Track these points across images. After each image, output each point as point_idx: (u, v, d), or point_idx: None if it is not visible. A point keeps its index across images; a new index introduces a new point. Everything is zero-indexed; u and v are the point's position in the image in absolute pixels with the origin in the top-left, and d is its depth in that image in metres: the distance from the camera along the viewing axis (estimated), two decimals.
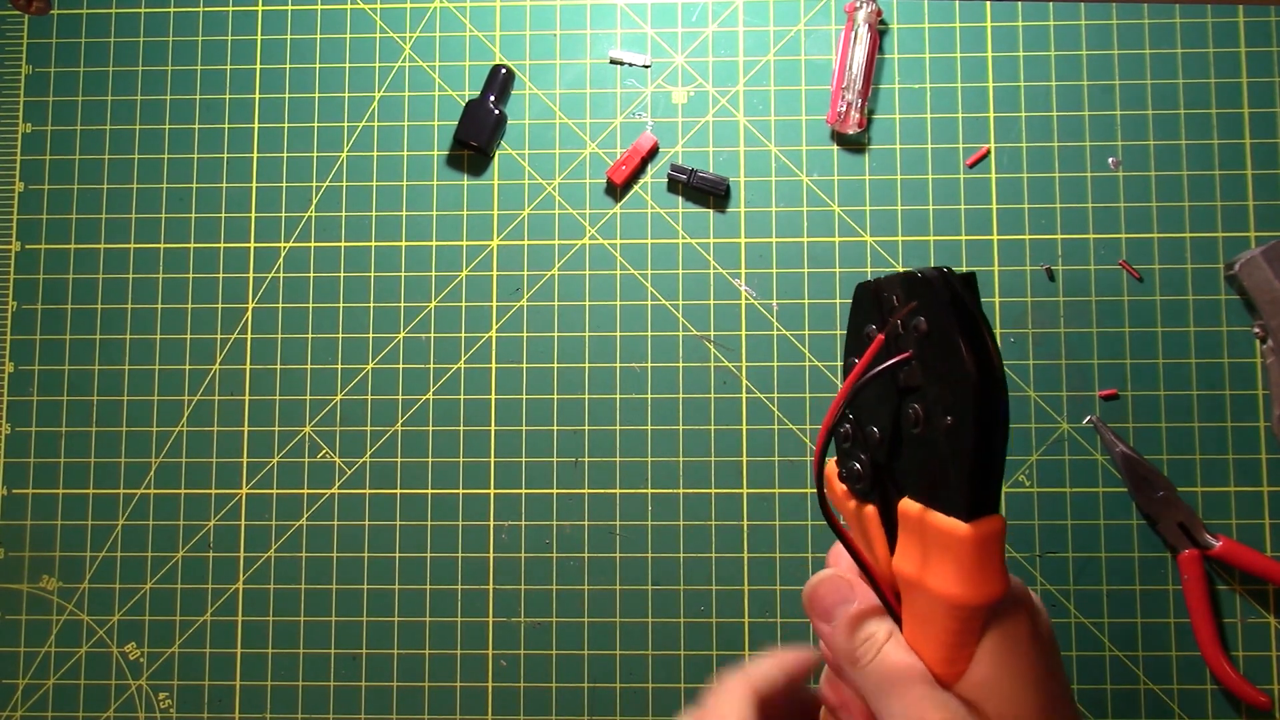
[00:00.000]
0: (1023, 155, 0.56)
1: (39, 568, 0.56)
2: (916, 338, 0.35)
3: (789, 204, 0.56)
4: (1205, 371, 0.54)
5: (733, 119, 0.57)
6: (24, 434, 0.57)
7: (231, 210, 0.58)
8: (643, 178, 0.57)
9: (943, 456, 0.35)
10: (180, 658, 0.55)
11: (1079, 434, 0.54)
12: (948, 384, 0.34)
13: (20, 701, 0.55)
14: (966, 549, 0.34)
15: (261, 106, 0.58)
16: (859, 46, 0.55)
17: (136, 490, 0.56)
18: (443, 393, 0.56)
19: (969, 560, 0.34)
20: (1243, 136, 0.55)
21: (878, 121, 0.56)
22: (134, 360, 0.57)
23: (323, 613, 0.55)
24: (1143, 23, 0.56)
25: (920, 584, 0.35)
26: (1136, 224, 0.55)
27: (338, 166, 0.58)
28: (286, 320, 0.57)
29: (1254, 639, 0.52)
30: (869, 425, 0.38)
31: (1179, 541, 0.52)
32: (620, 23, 0.58)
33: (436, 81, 0.58)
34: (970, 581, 0.34)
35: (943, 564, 0.35)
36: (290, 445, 0.56)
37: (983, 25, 0.56)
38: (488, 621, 0.55)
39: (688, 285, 0.56)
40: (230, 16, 0.59)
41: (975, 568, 0.34)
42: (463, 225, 0.57)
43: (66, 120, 0.59)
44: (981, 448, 0.34)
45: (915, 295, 0.36)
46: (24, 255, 0.58)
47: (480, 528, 0.55)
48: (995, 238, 0.55)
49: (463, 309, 0.56)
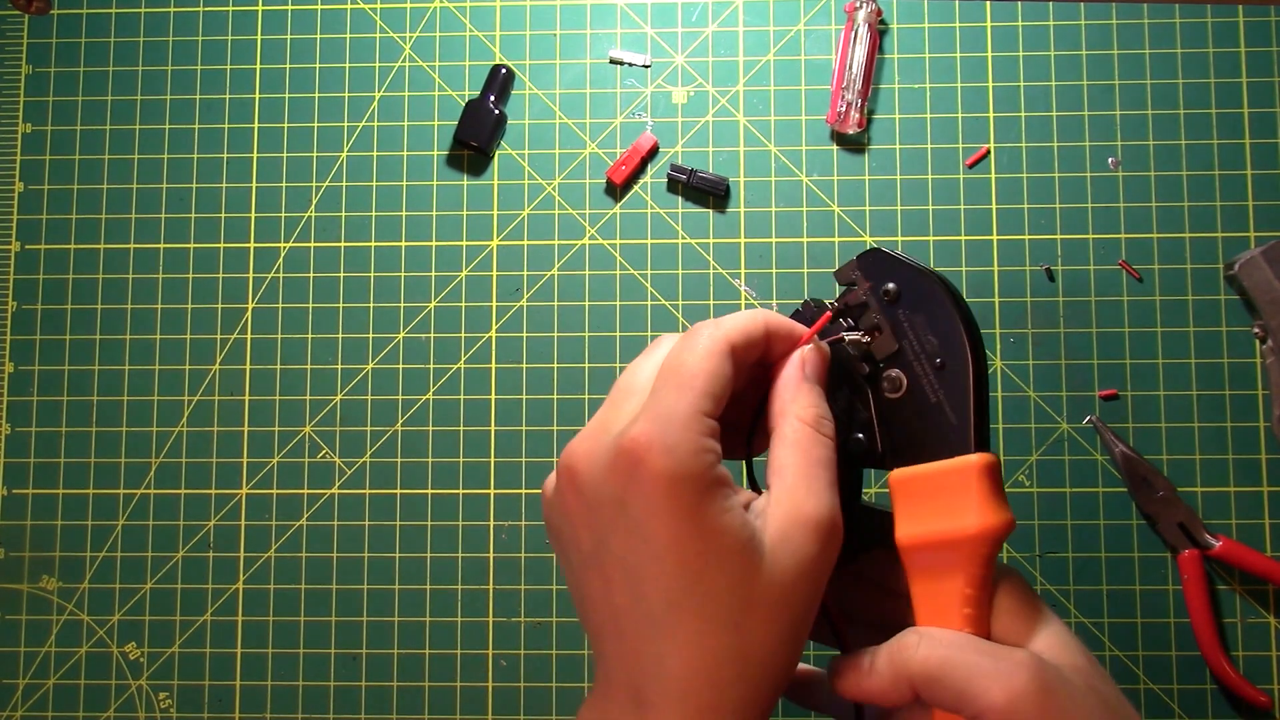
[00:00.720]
0: (1022, 155, 0.56)
1: (39, 568, 0.56)
2: (887, 303, 0.39)
3: (789, 204, 0.56)
4: (1205, 371, 0.54)
5: (733, 119, 0.57)
6: (24, 434, 0.57)
7: (231, 210, 0.58)
8: (643, 178, 0.57)
9: (934, 405, 0.37)
10: (180, 658, 0.55)
11: (1079, 434, 0.54)
12: (933, 331, 0.37)
13: (20, 701, 0.55)
14: (985, 478, 0.36)
15: (261, 106, 0.58)
16: (859, 46, 0.55)
17: (136, 490, 0.56)
18: (443, 393, 0.56)
19: (988, 488, 0.36)
20: (1243, 136, 0.55)
21: (877, 121, 0.56)
22: (134, 360, 0.57)
23: (323, 613, 0.55)
24: (1143, 23, 0.56)
25: (937, 539, 0.36)
26: (1136, 224, 0.55)
27: (338, 166, 0.58)
28: (286, 320, 0.57)
29: (1254, 639, 0.52)
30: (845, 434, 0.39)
31: (1179, 541, 0.52)
32: (620, 23, 0.58)
33: (436, 81, 0.58)
34: (994, 509, 0.36)
35: (961, 504, 0.36)
36: (290, 445, 0.56)
37: (983, 25, 0.56)
38: (488, 621, 0.55)
39: (688, 285, 0.56)
40: (230, 16, 0.59)
41: (996, 494, 0.36)
42: (462, 225, 0.57)
43: (66, 120, 0.59)
44: (979, 379, 0.37)
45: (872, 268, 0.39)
46: (24, 255, 0.58)
47: (480, 528, 0.55)
48: (995, 238, 0.55)
49: (463, 309, 0.56)
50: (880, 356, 0.39)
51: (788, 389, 0.37)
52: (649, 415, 0.34)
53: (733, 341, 0.36)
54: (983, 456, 0.37)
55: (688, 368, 0.35)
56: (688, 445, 0.33)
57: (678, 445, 0.32)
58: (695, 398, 0.34)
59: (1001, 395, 0.54)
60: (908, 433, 0.38)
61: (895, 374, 0.38)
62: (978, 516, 0.36)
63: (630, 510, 0.33)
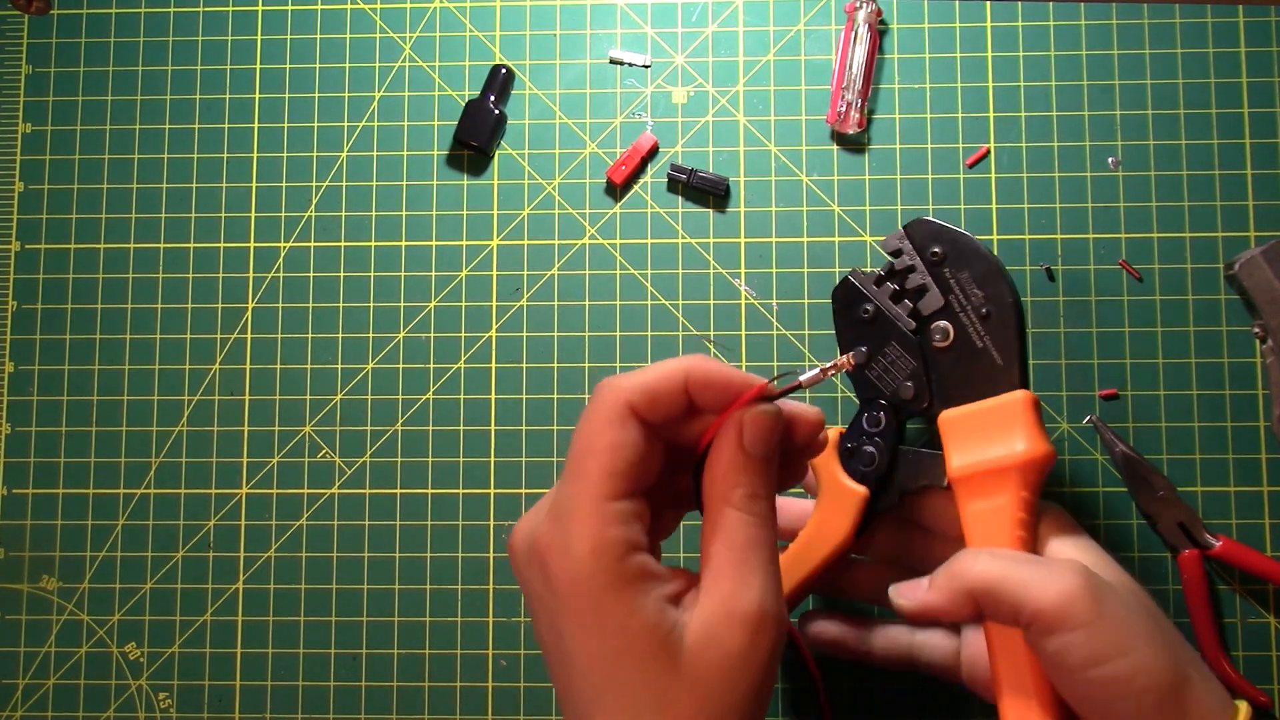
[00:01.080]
0: (1022, 155, 0.56)
1: (39, 568, 0.56)
2: (934, 263, 0.45)
3: (789, 204, 0.56)
4: (1205, 371, 0.54)
5: (733, 119, 0.57)
6: (24, 434, 0.57)
7: (231, 210, 0.58)
8: (643, 178, 0.57)
9: (981, 350, 0.44)
10: (180, 658, 0.55)
11: (1079, 434, 0.54)
12: (978, 285, 0.44)
13: (20, 701, 0.55)
14: (1031, 410, 0.42)
15: (261, 106, 0.58)
16: (859, 46, 0.55)
17: (136, 490, 0.56)
18: (443, 393, 0.56)
19: (1034, 419, 0.42)
20: (1243, 136, 0.55)
21: (878, 121, 0.56)
22: (134, 360, 0.57)
23: (323, 613, 0.55)
24: (1143, 23, 0.56)
25: (991, 467, 0.41)
26: (1136, 224, 0.55)
27: (338, 166, 0.58)
28: (286, 320, 0.57)
29: (1254, 639, 0.52)
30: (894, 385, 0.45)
31: (1179, 541, 0.52)
32: (620, 23, 0.58)
33: (436, 81, 0.58)
34: (1040, 437, 0.41)
35: (1011, 434, 0.41)
36: (290, 445, 0.56)
37: (983, 25, 0.56)
38: (488, 621, 0.55)
39: (688, 285, 0.56)
40: (230, 16, 0.59)
41: (1040, 424, 0.42)
42: (463, 225, 0.57)
43: (66, 120, 0.59)
44: (1021, 324, 0.43)
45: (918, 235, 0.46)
46: (24, 255, 0.58)
47: (480, 528, 0.55)
48: (995, 237, 0.55)
49: (463, 309, 0.56)
50: (927, 312, 0.45)
51: (717, 464, 0.33)
52: (550, 512, 0.32)
53: (633, 404, 0.32)
54: (1028, 392, 0.42)
55: (581, 446, 0.32)
56: (585, 545, 0.30)
57: (574, 546, 0.31)
58: (594, 483, 0.31)
59: None
60: (955, 377, 0.44)
61: (944, 324, 0.44)
62: (1028, 443, 0.41)
63: (547, 604, 0.32)
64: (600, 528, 0.31)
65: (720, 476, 0.33)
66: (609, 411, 0.32)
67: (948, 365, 0.44)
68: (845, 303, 0.47)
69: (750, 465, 0.33)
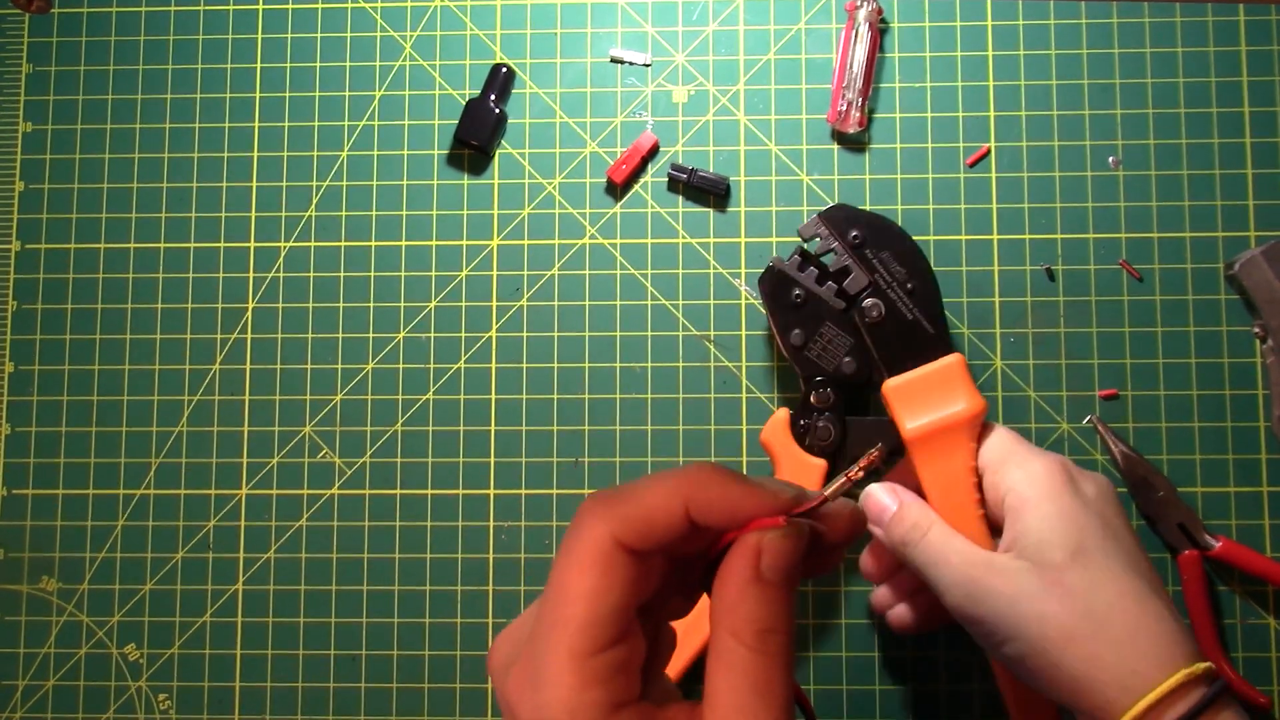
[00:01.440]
0: (1023, 154, 0.56)
1: (39, 568, 0.56)
2: (855, 246, 0.49)
3: (789, 203, 0.56)
4: (1205, 371, 0.54)
5: (733, 118, 0.57)
6: (24, 434, 0.57)
7: (231, 210, 0.58)
8: (643, 177, 0.57)
9: (911, 322, 0.48)
10: (180, 659, 0.55)
11: (1079, 434, 0.54)
12: (900, 263, 0.49)
13: (20, 703, 0.55)
14: (965, 370, 0.48)
15: (262, 105, 0.58)
16: (859, 45, 0.55)
17: (136, 491, 0.56)
18: (443, 393, 0.56)
19: (969, 377, 0.48)
20: (1243, 136, 0.55)
21: (878, 120, 0.56)
22: (134, 360, 0.57)
23: (322, 614, 0.55)
24: (1143, 22, 0.56)
25: (940, 425, 0.46)
26: (1136, 224, 0.55)
27: (338, 166, 0.58)
28: (286, 320, 0.57)
29: (1254, 640, 0.52)
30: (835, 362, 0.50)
31: (1179, 542, 0.52)
32: (621, 21, 0.57)
33: (437, 80, 0.58)
34: (976, 393, 0.47)
35: (951, 394, 0.47)
36: (290, 445, 0.56)
37: (983, 24, 0.56)
38: (488, 623, 0.55)
39: (688, 285, 0.56)
40: (230, 15, 0.59)
41: (973, 381, 0.48)
42: (463, 225, 0.57)
43: (67, 119, 0.59)
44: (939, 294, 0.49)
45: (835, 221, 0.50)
46: (24, 255, 0.58)
47: (480, 528, 0.55)
48: (995, 237, 0.55)
49: (463, 309, 0.56)
50: (854, 291, 0.49)
51: (728, 590, 0.28)
52: (521, 663, 0.28)
53: (622, 541, 0.28)
54: (959, 355, 0.48)
55: (557, 588, 0.28)
56: (558, 706, 0.27)
57: (546, 707, 0.27)
58: (571, 635, 0.27)
59: (1001, 395, 0.54)
60: (893, 349, 0.49)
61: (872, 301, 0.49)
62: (969, 400, 0.47)
63: None
64: (578, 690, 0.27)
65: (729, 606, 0.28)
66: (591, 551, 0.27)
67: (883, 338, 0.49)
68: (774, 289, 0.50)
69: (766, 595, 0.28)
